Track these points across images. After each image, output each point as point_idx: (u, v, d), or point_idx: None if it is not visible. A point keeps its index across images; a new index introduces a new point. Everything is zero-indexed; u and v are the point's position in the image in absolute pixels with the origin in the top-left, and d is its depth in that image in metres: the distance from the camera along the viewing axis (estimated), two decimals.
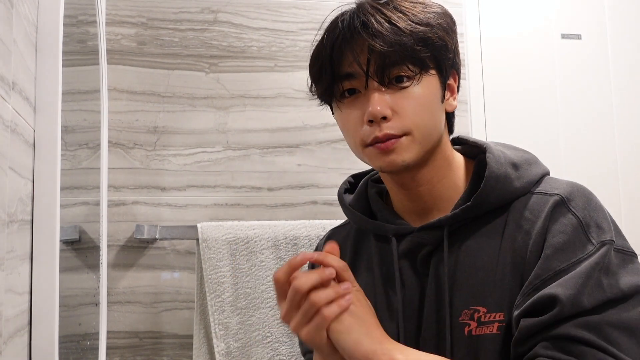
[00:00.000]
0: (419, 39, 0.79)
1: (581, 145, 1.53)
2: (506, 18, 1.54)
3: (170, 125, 1.33)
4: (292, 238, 1.22)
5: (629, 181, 1.53)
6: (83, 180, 1.09)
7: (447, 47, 0.81)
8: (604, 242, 0.73)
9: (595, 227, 0.75)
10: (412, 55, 0.79)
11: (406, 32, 0.78)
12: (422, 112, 0.80)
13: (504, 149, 0.85)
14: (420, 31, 0.79)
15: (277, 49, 1.40)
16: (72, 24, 1.00)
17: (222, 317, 1.18)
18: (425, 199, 0.85)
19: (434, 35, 0.79)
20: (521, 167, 0.82)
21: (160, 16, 1.36)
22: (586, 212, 0.76)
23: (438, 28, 0.80)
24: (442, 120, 0.83)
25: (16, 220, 0.65)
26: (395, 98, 0.79)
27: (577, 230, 0.74)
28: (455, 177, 0.85)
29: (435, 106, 0.81)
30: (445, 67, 0.82)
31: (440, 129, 0.82)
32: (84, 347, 1.04)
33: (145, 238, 1.23)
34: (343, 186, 0.96)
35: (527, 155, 0.85)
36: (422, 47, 0.79)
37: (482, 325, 0.77)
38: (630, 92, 1.57)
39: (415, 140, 0.79)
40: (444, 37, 0.81)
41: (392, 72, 0.79)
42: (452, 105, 0.84)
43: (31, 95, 0.72)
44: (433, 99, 0.81)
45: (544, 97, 1.53)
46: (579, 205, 0.76)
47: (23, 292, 0.68)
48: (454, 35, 0.83)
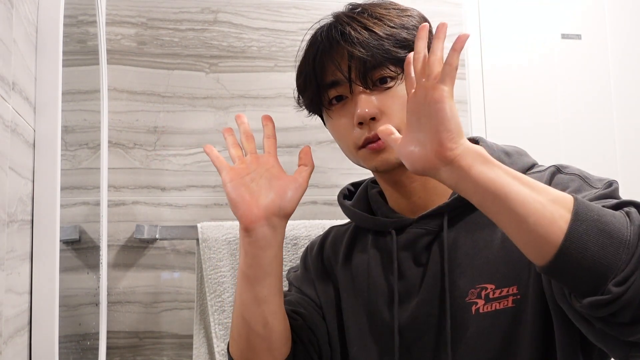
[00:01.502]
0: (396, 41, 0.82)
1: (581, 145, 1.53)
2: (506, 18, 1.54)
3: (170, 125, 1.33)
4: (292, 238, 1.22)
5: (629, 181, 1.53)
6: (83, 180, 1.09)
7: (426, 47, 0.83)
8: (610, 182, 0.75)
9: (595, 180, 0.77)
10: (392, 57, 0.82)
11: (383, 36, 0.82)
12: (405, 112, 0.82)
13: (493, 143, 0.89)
14: (396, 33, 0.82)
15: (277, 49, 1.40)
16: (72, 24, 1.00)
17: (222, 317, 1.18)
18: (419, 195, 0.86)
19: (410, 36, 0.83)
20: (513, 156, 0.85)
21: (160, 16, 1.36)
22: (579, 173, 0.79)
23: (414, 29, 0.83)
24: None
25: (16, 220, 0.65)
26: (382, 99, 0.83)
27: (580, 181, 0.77)
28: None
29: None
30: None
31: None
32: (84, 347, 1.05)
33: (145, 238, 1.23)
34: (342, 192, 0.98)
35: (517, 148, 0.89)
36: (400, 48, 0.82)
37: (492, 302, 0.78)
38: (630, 92, 1.57)
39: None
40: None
41: (375, 74, 0.83)
42: None
43: (31, 95, 0.72)
44: None
45: (544, 97, 1.53)
46: (571, 169, 0.80)
47: (23, 292, 0.68)
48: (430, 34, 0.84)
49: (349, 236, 0.95)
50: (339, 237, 0.97)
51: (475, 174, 0.64)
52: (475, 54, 1.50)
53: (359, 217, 0.92)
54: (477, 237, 0.81)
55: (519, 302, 0.77)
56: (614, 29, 1.58)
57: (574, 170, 0.79)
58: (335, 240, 0.98)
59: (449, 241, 0.82)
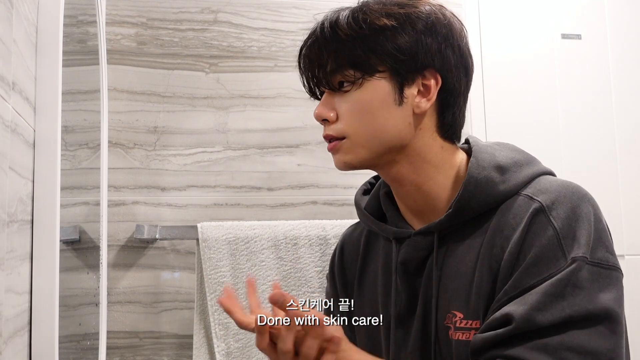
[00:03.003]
0: (359, 43, 0.79)
1: (581, 145, 1.53)
2: (506, 18, 1.54)
3: (170, 125, 1.33)
4: (292, 238, 1.22)
5: (629, 181, 1.53)
6: (83, 180, 1.09)
7: (404, 50, 0.78)
8: (575, 259, 0.70)
9: (572, 239, 0.71)
10: (348, 61, 0.79)
11: (345, 38, 0.79)
12: (361, 117, 0.80)
13: (497, 150, 0.82)
14: (361, 35, 0.79)
15: (277, 49, 1.39)
16: (72, 24, 1.00)
17: (222, 317, 1.18)
18: (416, 199, 0.84)
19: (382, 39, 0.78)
20: (509, 170, 0.79)
21: (160, 16, 1.36)
22: (566, 222, 0.72)
23: (392, 30, 0.78)
24: (401, 123, 0.80)
25: (16, 220, 0.65)
26: (338, 102, 0.82)
27: (553, 244, 0.71)
28: (445, 177, 0.82)
29: (381, 110, 0.79)
30: (402, 71, 0.79)
31: (397, 131, 0.80)
32: (84, 347, 1.05)
33: (145, 238, 1.23)
34: (362, 187, 0.96)
35: (521, 156, 0.82)
36: (362, 51, 0.79)
37: (458, 331, 0.77)
38: (630, 92, 1.57)
39: (355, 144, 0.81)
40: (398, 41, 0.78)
41: (334, 78, 0.81)
42: (421, 107, 0.80)
43: (31, 95, 0.72)
44: (379, 103, 0.79)
45: (544, 97, 1.53)
46: (559, 214, 0.73)
47: (23, 292, 0.68)
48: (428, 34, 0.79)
49: (364, 241, 0.94)
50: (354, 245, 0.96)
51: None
52: (475, 54, 1.49)
53: (368, 222, 0.91)
54: (460, 261, 0.79)
55: None
56: (614, 29, 1.58)
57: (559, 219, 0.73)
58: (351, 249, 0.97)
59: (439, 260, 0.81)
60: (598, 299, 0.68)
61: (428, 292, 0.81)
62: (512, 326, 0.68)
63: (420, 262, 0.83)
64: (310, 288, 1.21)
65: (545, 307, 0.68)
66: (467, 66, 0.83)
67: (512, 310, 0.69)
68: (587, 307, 0.68)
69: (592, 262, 0.70)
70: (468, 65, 0.84)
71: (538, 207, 0.74)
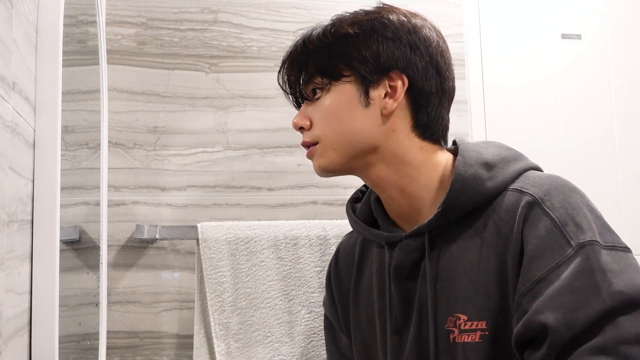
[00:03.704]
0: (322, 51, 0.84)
1: (581, 145, 1.53)
2: (506, 18, 1.54)
3: (170, 125, 1.33)
4: (292, 238, 1.22)
5: (629, 181, 1.53)
6: (83, 180, 1.09)
7: (365, 54, 0.81)
8: (583, 244, 0.68)
9: (574, 226, 0.70)
10: (315, 69, 0.84)
11: (313, 49, 0.85)
12: (330, 120, 0.83)
13: (483, 148, 0.83)
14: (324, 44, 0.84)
15: (277, 49, 1.39)
16: (72, 24, 1.00)
17: (222, 317, 1.18)
18: (400, 202, 0.85)
19: (342, 45, 0.82)
20: (496, 167, 0.79)
21: (160, 16, 1.36)
22: (562, 210, 0.71)
23: (352, 36, 0.82)
24: (369, 124, 0.82)
25: (16, 220, 0.65)
26: (312, 110, 0.86)
27: (553, 233, 0.70)
28: (428, 178, 0.83)
29: (348, 112, 0.82)
30: (365, 73, 0.81)
31: (366, 133, 0.82)
32: (84, 347, 1.04)
33: (145, 238, 1.23)
34: (353, 196, 0.98)
35: (507, 152, 0.82)
36: (325, 58, 0.83)
37: (463, 333, 0.76)
38: (630, 92, 1.57)
39: (327, 147, 0.84)
40: (359, 45, 0.82)
41: (306, 87, 0.86)
42: (387, 107, 0.82)
43: (31, 95, 0.72)
44: (344, 105, 0.82)
45: (544, 97, 1.53)
46: (554, 204, 0.72)
47: (23, 292, 0.68)
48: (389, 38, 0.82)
49: (359, 249, 0.95)
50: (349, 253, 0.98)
51: None
52: (475, 54, 1.50)
53: (360, 228, 0.91)
54: (457, 261, 0.79)
55: (486, 339, 0.74)
56: (614, 29, 1.58)
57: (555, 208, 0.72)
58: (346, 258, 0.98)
59: (433, 261, 0.80)
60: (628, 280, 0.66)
61: (423, 296, 0.81)
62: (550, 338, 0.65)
63: (413, 266, 0.83)
64: (310, 288, 1.21)
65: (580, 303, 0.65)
66: (437, 67, 0.84)
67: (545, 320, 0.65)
68: (624, 292, 0.65)
69: (607, 246, 0.69)
70: (439, 66, 0.84)
71: (531, 200, 0.74)
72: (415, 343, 0.81)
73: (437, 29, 0.87)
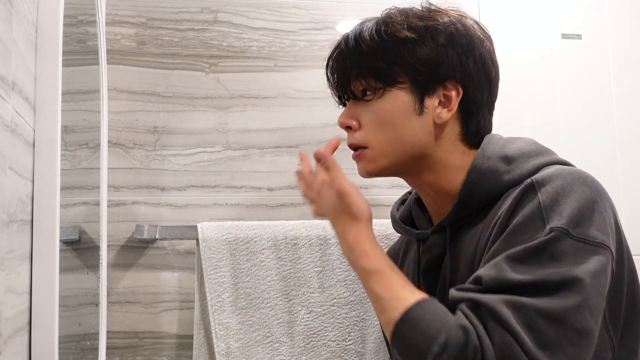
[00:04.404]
0: (380, 54, 0.81)
1: (581, 145, 1.53)
2: (506, 18, 1.54)
3: (170, 125, 1.33)
4: (292, 238, 1.22)
5: (629, 181, 1.53)
6: (83, 180, 1.09)
7: (425, 62, 0.80)
8: (553, 229, 0.68)
9: (554, 211, 0.70)
10: (370, 71, 0.82)
11: (367, 50, 0.81)
12: (383, 127, 0.82)
13: (508, 142, 0.83)
14: (383, 47, 0.81)
15: (277, 49, 1.39)
16: (72, 24, 1.00)
17: (222, 317, 1.18)
18: (437, 201, 0.87)
19: (402, 50, 0.80)
20: (515, 161, 0.79)
21: (160, 16, 1.36)
22: (553, 195, 0.71)
23: (413, 42, 0.80)
24: (420, 133, 0.82)
25: (16, 220, 0.65)
26: (361, 110, 0.84)
27: (534, 213, 0.70)
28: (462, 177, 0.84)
29: (402, 120, 0.81)
30: (423, 81, 0.81)
31: (417, 141, 0.82)
32: (84, 347, 1.04)
33: (145, 238, 1.23)
34: (401, 197, 1.01)
35: (532, 147, 0.83)
36: (383, 62, 0.81)
37: None
38: (630, 92, 1.57)
39: (377, 154, 0.83)
40: (419, 53, 0.80)
41: (356, 86, 0.84)
42: (441, 117, 0.82)
43: (31, 95, 0.72)
44: (399, 113, 0.81)
45: (544, 97, 1.53)
46: (547, 189, 0.72)
47: (23, 292, 0.68)
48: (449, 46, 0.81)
49: (403, 249, 1.00)
50: (395, 255, 1.02)
51: (345, 254, 0.80)
52: None
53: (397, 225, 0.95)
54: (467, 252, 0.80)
55: None
56: (614, 29, 1.58)
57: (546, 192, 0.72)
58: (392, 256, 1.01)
59: (453, 255, 0.82)
60: (578, 270, 0.66)
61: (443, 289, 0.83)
62: (480, 285, 0.68)
63: (439, 260, 0.85)
64: (310, 288, 1.21)
65: (517, 269, 0.67)
66: (489, 76, 0.85)
67: (481, 273, 0.69)
68: (564, 276, 0.66)
69: (576, 237, 0.68)
70: (490, 75, 0.85)
71: (529, 183, 0.74)
72: None
73: (484, 29, 0.87)
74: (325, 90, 0.92)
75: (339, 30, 1.41)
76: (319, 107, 1.38)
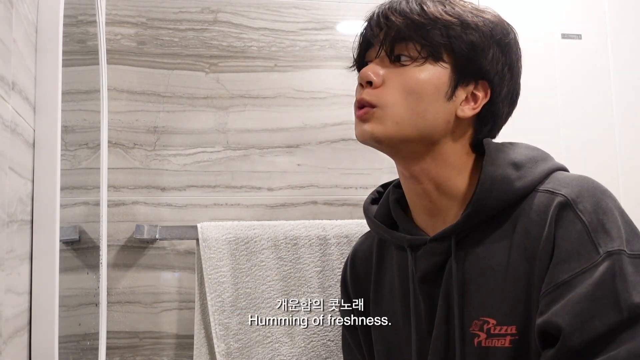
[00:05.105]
0: (440, 26, 0.78)
1: (581, 146, 1.53)
2: (506, 18, 1.54)
3: (170, 125, 1.33)
4: (292, 238, 1.22)
5: (630, 181, 1.53)
6: (83, 180, 1.09)
7: (476, 51, 0.79)
8: (611, 253, 0.67)
9: (603, 232, 0.69)
10: (423, 37, 0.78)
11: (429, 16, 0.79)
12: (409, 94, 0.79)
13: (510, 148, 0.82)
14: (446, 21, 0.79)
15: (277, 49, 1.39)
16: (72, 24, 1.00)
17: (222, 317, 1.18)
18: (432, 198, 0.83)
19: (462, 32, 0.79)
20: (524, 167, 0.78)
21: (160, 16, 1.36)
22: (594, 215, 0.71)
23: (474, 29, 0.80)
24: (441, 118, 0.80)
25: (16, 220, 0.65)
26: (391, 72, 0.80)
27: (583, 238, 0.69)
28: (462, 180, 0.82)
29: (430, 97, 0.79)
30: (465, 69, 0.80)
31: (434, 124, 0.80)
32: (84, 347, 1.04)
33: (145, 238, 1.23)
34: (370, 196, 0.95)
35: (535, 153, 0.82)
36: (440, 35, 0.78)
37: (492, 337, 0.75)
38: (630, 92, 1.57)
39: (390, 117, 0.79)
40: (475, 41, 0.79)
41: (397, 47, 0.80)
42: (465, 112, 0.81)
43: (31, 95, 0.72)
44: (431, 89, 0.79)
45: (544, 97, 1.53)
46: (586, 207, 0.71)
47: (23, 292, 0.68)
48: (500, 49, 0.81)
49: (376, 253, 0.94)
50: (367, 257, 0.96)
51: None
52: None
53: (380, 230, 0.89)
54: (485, 265, 0.77)
55: (516, 343, 0.73)
56: (614, 29, 1.58)
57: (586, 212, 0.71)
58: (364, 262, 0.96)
59: (460, 265, 0.79)
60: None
61: (447, 300, 0.79)
62: (562, 341, 0.65)
63: (439, 269, 0.81)
64: (310, 288, 1.21)
65: (598, 311, 0.65)
66: (515, 94, 0.85)
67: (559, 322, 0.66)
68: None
69: (634, 254, 0.68)
70: (517, 92, 0.85)
71: (563, 201, 0.72)
72: (439, 347, 0.79)
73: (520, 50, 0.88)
74: (325, 91, 0.92)
75: (339, 30, 1.41)
76: (319, 107, 1.38)
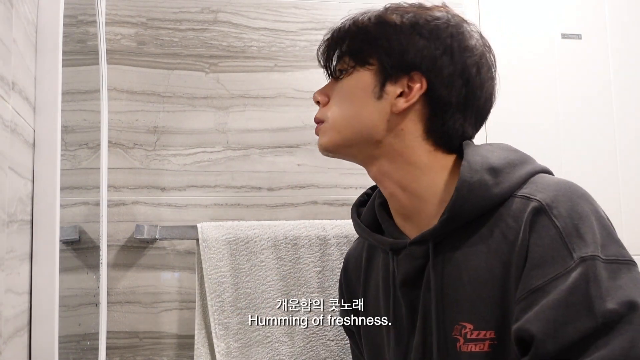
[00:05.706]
0: (359, 34, 0.84)
1: (581, 146, 1.53)
2: (506, 18, 1.54)
3: (170, 125, 1.33)
4: (292, 238, 1.22)
5: (629, 181, 1.53)
6: (83, 180, 1.09)
7: (393, 47, 0.81)
8: (584, 258, 0.67)
9: (577, 238, 0.68)
10: (350, 50, 0.85)
11: (354, 30, 0.85)
12: (342, 103, 0.84)
13: (489, 152, 0.80)
14: (362, 27, 0.84)
15: (277, 49, 1.39)
16: (72, 24, 1.00)
17: (222, 317, 1.18)
18: (402, 201, 0.83)
19: (378, 33, 0.82)
20: (502, 172, 0.77)
21: (160, 16, 1.36)
22: (568, 220, 0.70)
23: (392, 26, 0.81)
24: (376, 117, 0.81)
25: (16, 220, 0.65)
26: (334, 88, 0.87)
27: (556, 243, 0.69)
28: (432, 180, 0.81)
29: (360, 100, 0.82)
30: (389, 66, 0.80)
31: (372, 124, 0.81)
32: (84, 347, 1.05)
33: (145, 238, 1.23)
34: (359, 198, 0.96)
35: (514, 155, 0.80)
36: (360, 41, 0.84)
37: (469, 342, 0.74)
38: (630, 92, 1.57)
39: (331, 126, 0.84)
40: (391, 38, 0.81)
41: (337, 66, 0.87)
42: (397, 106, 0.80)
43: (31, 95, 0.72)
44: (359, 92, 0.82)
45: (544, 97, 1.53)
46: (561, 212, 0.70)
47: (23, 292, 0.68)
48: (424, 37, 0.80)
49: (365, 256, 0.94)
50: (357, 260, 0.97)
51: None
52: None
53: (365, 234, 0.90)
54: (463, 269, 0.77)
55: (495, 348, 0.73)
56: (614, 29, 1.58)
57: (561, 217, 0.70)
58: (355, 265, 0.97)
59: (437, 269, 0.79)
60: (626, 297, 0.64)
61: (427, 304, 0.79)
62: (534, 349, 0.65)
63: (418, 273, 0.81)
64: (310, 288, 1.21)
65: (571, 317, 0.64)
66: (468, 79, 0.81)
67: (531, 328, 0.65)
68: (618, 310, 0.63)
69: (608, 260, 0.67)
70: (470, 78, 0.81)
71: (538, 207, 0.72)
72: (420, 351, 0.80)
73: (488, 44, 0.86)
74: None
75: None
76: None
